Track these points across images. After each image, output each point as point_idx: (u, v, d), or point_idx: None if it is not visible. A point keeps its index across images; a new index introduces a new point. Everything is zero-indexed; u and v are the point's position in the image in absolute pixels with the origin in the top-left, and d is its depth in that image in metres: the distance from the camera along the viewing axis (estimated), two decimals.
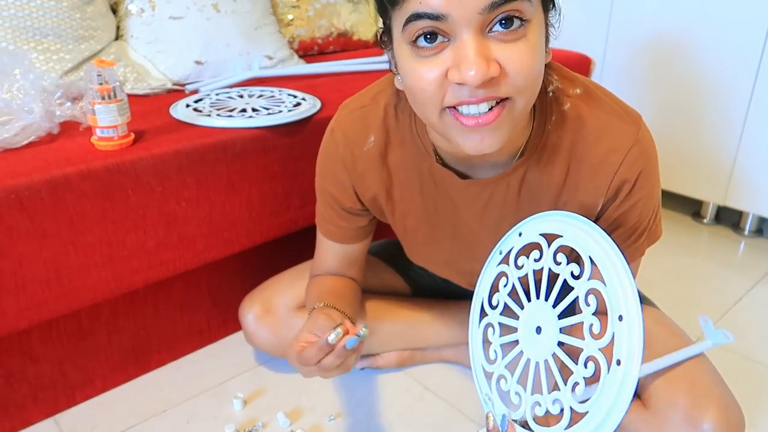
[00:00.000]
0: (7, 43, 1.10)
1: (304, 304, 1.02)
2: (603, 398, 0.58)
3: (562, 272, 0.63)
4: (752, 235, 1.66)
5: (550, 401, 0.63)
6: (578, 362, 0.60)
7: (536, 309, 0.66)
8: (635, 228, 0.79)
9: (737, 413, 0.80)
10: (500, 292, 0.71)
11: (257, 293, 1.05)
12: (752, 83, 1.47)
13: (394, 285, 1.11)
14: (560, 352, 0.63)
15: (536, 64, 0.60)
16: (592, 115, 0.73)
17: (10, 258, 0.81)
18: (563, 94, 0.74)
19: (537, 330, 0.65)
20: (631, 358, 0.56)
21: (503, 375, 0.70)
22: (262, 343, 1.03)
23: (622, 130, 0.72)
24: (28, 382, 0.96)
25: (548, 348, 0.64)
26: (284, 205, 1.10)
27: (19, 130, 0.89)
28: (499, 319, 0.72)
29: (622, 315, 0.57)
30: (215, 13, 1.34)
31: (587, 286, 0.60)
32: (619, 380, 0.56)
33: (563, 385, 0.62)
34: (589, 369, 0.59)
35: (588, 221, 0.64)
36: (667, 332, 0.92)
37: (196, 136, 0.97)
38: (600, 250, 0.60)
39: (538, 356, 0.65)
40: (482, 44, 0.57)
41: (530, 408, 0.65)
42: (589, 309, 0.60)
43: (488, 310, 0.74)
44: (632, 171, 0.73)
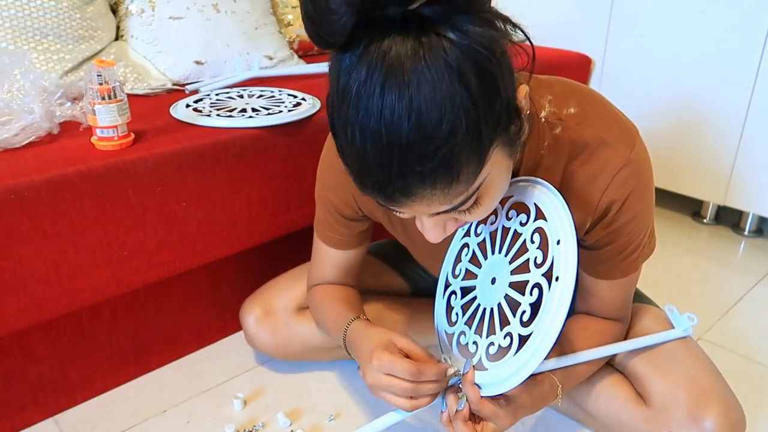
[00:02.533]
0: (7, 43, 1.10)
1: (303, 306, 1.02)
2: (544, 315, 0.64)
3: (512, 225, 0.70)
4: (752, 235, 1.66)
5: (501, 337, 0.69)
6: (524, 293, 0.66)
7: (492, 263, 0.72)
8: (626, 245, 0.77)
9: (738, 411, 0.81)
10: (462, 262, 0.77)
11: (257, 296, 1.05)
12: (752, 83, 1.47)
13: (392, 285, 1.11)
14: (511, 291, 0.69)
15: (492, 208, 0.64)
16: (583, 135, 0.72)
17: (10, 258, 0.81)
18: (555, 117, 0.72)
19: (492, 281, 0.71)
20: (568, 272, 0.63)
21: (463, 331, 0.76)
22: (264, 345, 1.03)
23: (613, 151, 0.71)
24: (28, 382, 0.96)
25: (501, 291, 0.70)
26: (284, 205, 1.10)
27: (19, 130, 0.89)
28: (460, 284, 0.78)
29: (559, 239, 0.64)
30: (215, 13, 1.34)
31: (533, 227, 0.68)
32: (558, 294, 0.63)
33: (512, 318, 0.68)
34: (534, 295, 0.65)
35: (536, 179, 0.70)
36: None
37: (196, 136, 0.97)
38: (542, 195, 0.68)
39: (492, 303, 0.71)
40: (440, 218, 0.63)
41: (485, 351, 0.71)
42: (533, 245, 0.67)
43: (451, 279, 0.80)
44: (621, 192, 0.72)
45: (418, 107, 0.50)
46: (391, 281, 1.11)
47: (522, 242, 0.69)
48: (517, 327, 0.67)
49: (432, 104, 0.50)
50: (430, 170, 0.53)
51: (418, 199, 0.56)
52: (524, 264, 0.69)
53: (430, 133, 0.51)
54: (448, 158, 0.53)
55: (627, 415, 0.86)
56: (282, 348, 1.03)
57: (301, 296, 1.03)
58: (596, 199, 0.73)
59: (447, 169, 0.53)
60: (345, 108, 0.54)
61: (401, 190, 0.55)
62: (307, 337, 1.02)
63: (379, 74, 0.50)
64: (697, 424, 0.79)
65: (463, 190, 0.57)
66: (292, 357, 1.05)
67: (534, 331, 0.65)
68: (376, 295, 1.08)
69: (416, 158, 0.52)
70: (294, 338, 1.02)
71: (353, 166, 0.57)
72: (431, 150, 0.52)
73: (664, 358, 0.86)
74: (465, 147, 0.53)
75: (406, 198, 0.56)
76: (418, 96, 0.50)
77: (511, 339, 0.68)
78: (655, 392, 0.84)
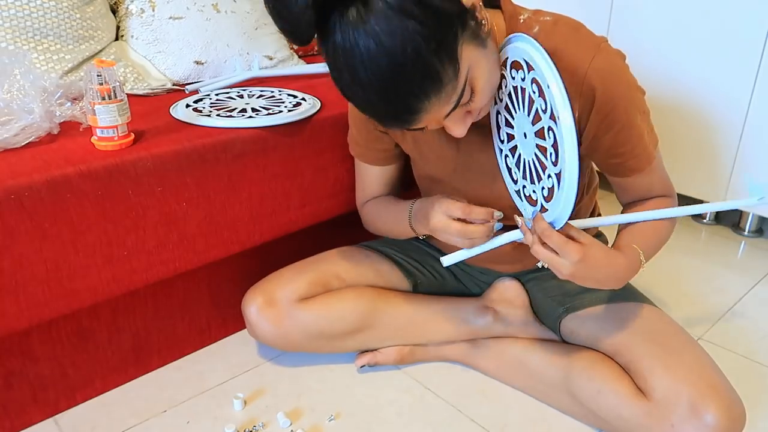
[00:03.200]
0: (7, 43, 1.10)
1: (305, 296, 1.03)
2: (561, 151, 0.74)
3: (517, 83, 0.78)
4: (752, 235, 1.66)
5: (546, 179, 0.79)
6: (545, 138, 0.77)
7: (519, 121, 0.81)
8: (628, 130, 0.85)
9: (739, 406, 0.82)
10: (502, 128, 0.87)
11: (260, 285, 1.06)
12: (752, 83, 1.47)
13: (394, 282, 1.11)
14: (538, 139, 0.78)
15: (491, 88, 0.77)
16: (558, 32, 0.83)
17: (10, 258, 0.81)
18: (534, 21, 0.84)
19: (524, 136, 0.81)
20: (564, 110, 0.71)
21: (524, 185, 0.86)
22: (265, 334, 1.04)
23: (587, 41, 0.83)
24: (28, 382, 0.96)
25: (532, 141, 0.80)
26: (284, 205, 1.10)
27: (19, 130, 0.89)
28: (508, 146, 0.88)
29: (548, 83, 0.72)
30: (215, 13, 1.34)
31: (529, 79, 0.75)
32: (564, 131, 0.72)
33: (546, 161, 0.78)
34: (550, 137, 0.75)
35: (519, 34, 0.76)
36: (669, 328, 0.93)
37: (196, 136, 0.97)
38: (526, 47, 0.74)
39: (530, 154, 0.81)
40: (455, 116, 0.75)
41: (541, 195, 0.81)
42: (535, 95, 0.75)
43: (501, 145, 0.89)
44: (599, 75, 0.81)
45: (385, 48, 0.65)
46: (392, 278, 1.11)
47: (528, 96, 0.77)
48: (551, 167, 0.77)
49: (393, 40, 0.64)
50: (418, 86, 0.68)
51: (424, 112, 0.71)
52: (536, 116, 0.77)
53: (402, 61, 0.65)
54: (426, 71, 0.67)
55: (628, 410, 0.86)
56: (283, 338, 1.03)
57: (303, 288, 1.03)
58: (578, 87, 0.81)
59: (430, 79, 0.68)
60: (341, 74, 0.69)
61: (407, 110, 0.70)
62: (309, 324, 1.02)
63: (352, 40, 0.65)
64: (698, 418, 0.80)
65: (454, 88, 0.70)
66: (293, 347, 1.05)
67: (561, 167, 0.74)
68: (379, 289, 1.09)
69: (403, 82, 0.67)
70: (295, 327, 1.02)
71: (368, 110, 0.73)
72: (410, 71, 0.66)
73: (666, 354, 0.87)
74: (433, 57, 0.66)
75: (415, 115, 0.71)
76: (381, 41, 0.65)
77: (553, 179, 0.77)
78: (657, 386, 0.85)
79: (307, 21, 0.65)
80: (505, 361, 1.06)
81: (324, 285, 1.05)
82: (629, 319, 0.95)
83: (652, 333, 0.92)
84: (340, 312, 1.03)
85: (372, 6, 0.64)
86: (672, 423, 0.82)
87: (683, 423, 0.81)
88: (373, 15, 0.64)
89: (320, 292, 1.05)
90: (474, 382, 1.08)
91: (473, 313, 1.09)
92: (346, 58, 0.66)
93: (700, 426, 0.80)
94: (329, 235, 1.22)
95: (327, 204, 1.17)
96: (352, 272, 1.08)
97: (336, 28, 0.66)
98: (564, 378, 0.96)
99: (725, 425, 0.80)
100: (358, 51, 0.65)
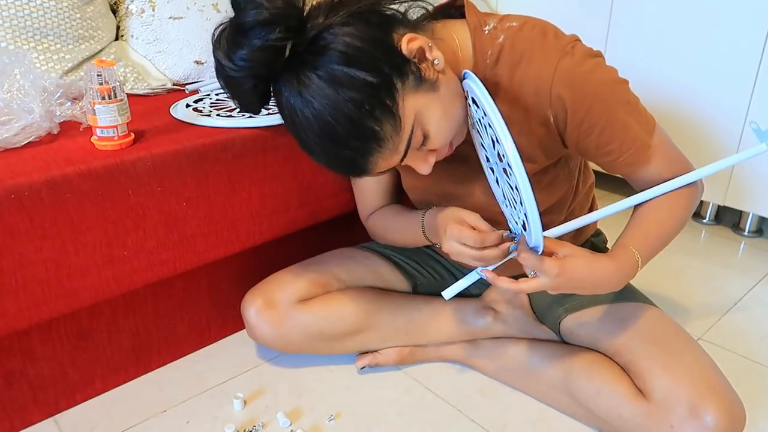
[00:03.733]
0: (7, 43, 1.10)
1: (305, 298, 1.03)
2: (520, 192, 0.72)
3: (478, 117, 0.77)
4: (752, 235, 1.66)
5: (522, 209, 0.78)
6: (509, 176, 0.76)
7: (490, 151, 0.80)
8: (613, 127, 0.82)
9: (739, 407, 0.82)
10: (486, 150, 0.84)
11: (259, 287, 1.05)
12: (752, 83, 1.47)
13: (394, 283, 1.11)
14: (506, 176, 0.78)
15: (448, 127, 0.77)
16: (524, 39, 0.80)
17: (10, 258, 0.81)
18: (499, 30, 0.82)
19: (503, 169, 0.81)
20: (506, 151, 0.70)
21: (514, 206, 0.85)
22: (264, 336, 1.03)
23: (551, 46, 0.79)
24: (28, 382, 0.96)
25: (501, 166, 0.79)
26: (284, 205, 1.10)
27: (19, 130, 0.89)
28: (490, 165, 0.86)
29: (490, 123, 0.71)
30: (215, 13, 1.34)
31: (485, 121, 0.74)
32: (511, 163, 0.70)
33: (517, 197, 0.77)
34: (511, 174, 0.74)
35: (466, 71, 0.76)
36: (669, 329, 0.93)
37: (196, 136, 0.97)
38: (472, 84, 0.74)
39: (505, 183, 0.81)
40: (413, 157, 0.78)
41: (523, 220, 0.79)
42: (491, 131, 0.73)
43: (488, 164, 0.87)
44: (564, 87, 0.78)
45: (319, 116, 0.69)
46: (392, 279, 1.11)
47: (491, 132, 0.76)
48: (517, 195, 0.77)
49: (325, 109, 0.68)
50: (358, 147, 0.70)
51: (372, 165, 0.73)
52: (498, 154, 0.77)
53: (336, 127, 0.68)
54: (362, 133, 0.69)
55: (627, 411, 0.86)
56: (282, 339, 1.03)
57: (302, 289, 1.03)
58: (546, 98, 0.80)
59: (368, 139, 0.70)
60: (292, 131, 0.74)
61: (355, 167, 0.73)
62: (309, 326, 1.02)
63: (293, 105, 0.70)
64: (698, 418, 0.80)
65: (399, 141, 0.72)
66: (292, 349, 1.05)
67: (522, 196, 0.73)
68: (378, 290, 1.09)
69: (342, 145, 0.70)
70: (295, 329, 1.02)
71: (322, 164, 0.75)
72: (346, 135, 0.69)
73: (666, 355, 0.87)
74: (368, 120, 0.69)
75: (365, 170, 0.74)
76: (315, 109, 0.69)
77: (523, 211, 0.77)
78: (657, 387, 0.85)
79: (258, 98, 0.74)
80: (504, 362, 1.06)
81: (323, 286, 1.05)
82: (629, 320, 0.95)
83: (651, 333, 0.92)
84: (340, 313, 1.03)
85: (305, 77, 0.68)
86: (672, 424, 0.82)
87: (683, 424, 0.81)
88: (305, 86, 0.68)
89: (320, 293, 1.04)
90: (474, 382, 1.08)
91: (473, 314, 1.09)
92: (293, 119, 0.71)
93: (699, 427, 0.80)
94: (329, 235, 1.22)
95: (327, 204, 1.17)
96: (352, 273, 1.08)
97: (282, 90, 0.71)
98: (564, 378, 0.96)
99: (725, 426, 0.79)
100: (300, 116, 0.70)
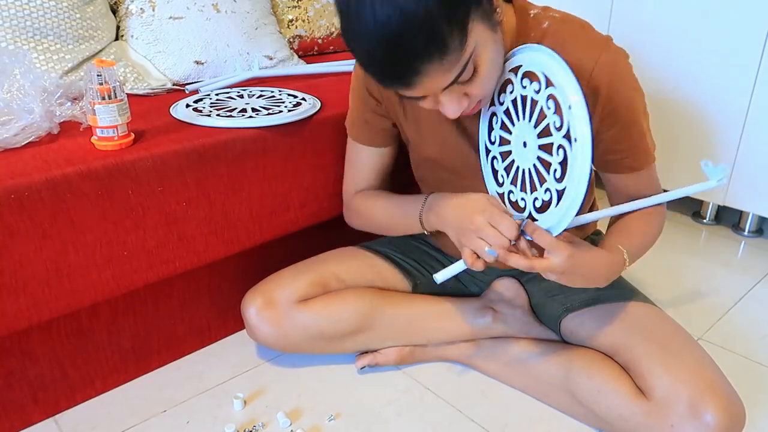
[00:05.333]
0: (7, 43, 1.10)
1: (305, 297, 1.03)
2: (571, 171, 0.75)
3: (528, 92, 0.79)
4: (752, 235, 1.66)
5: (542, 192, 0.81)
6: (552, 154, 0.78)
7: (520, 129, 0.82)
8: (629, 128, 0.87)
9: (739, 406, 0.83)
10: (494, 129, 0.88)
11: (259, 287, 1.05)
12: (752, 83, 1.47)
13: (394, 283, 1.11)
14: (541, 152, 0.80)
15: (494, 77, 0.78)
16: (567, 29, 0.85)
17: (10, 258, 0.81)
18: (543, 17, 0.86)
19: (524, 144, 0.82)
20: (582, 135, 0.73)
21: (511, 190, 0.87)
22: (264, 336, 1.03)
23: (595, 39, 0.85)
24: (28, 382, 0.96)
25: (533, 153, 0.81)
26: (284, 205, 1.10)
27: (19, 130, 0.89)
28: (498, 150, 0.88)
29: (570, 104, 0.73)
30: (215, 13, 1.34)
31: (546, 94, 0.76)
32: (579, 153, 0.73)
33: (547, 175, 0.80)
34: (560, 155, 0.76)
35: (540, 46, 0.77)
36: (669, 328, 0.93)
37: (196, 136, 0.97)
38: (549, 62, 0.75)
39: (528, 164, 0.82)
40: (452, 93, 0.76)
41: (531, 204, 0.83)
42: (550, 111, 0.76)
43: (489, 146, 0.90)
44: (605, 73, 0.82)
45: (399, 4, 0.65)
46: (391, 278, 1.11)
47: (540, 108, 0.78)
48: (553, 183, 0.79)
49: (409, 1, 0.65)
50: (423, 46, 0.68)
51: (424, 75, 0.71)
52: (545, 129, 0.78)
53: (412, 17, 0.66)
54: (433, 33, 0.67)
55: (628, 410, 0.87)
56: (282, 339, 1.03)
57: (302, 289, 1.03)
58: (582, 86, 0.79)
59: (436, 43, 0.68)
60: (350, 22, 0.70)
61: (408, 70, 0.70)
62: (309, 325, 1.02)
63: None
64: (698, 417, 0.81)
65: (458, 59, 0.71)
66: (292, 348, 1.05)
67: (567, 186, 0.76)
68: (379, 289, 1.09)
69: (409, 39, 0.67)
70: (295, 328, 1.02)
71: (370, 65, 0.73)
72: (417, 29, 0.67)
73: (666, 354, 0.87)
74: (443, 22, 0.67)
75: (414, 76, 0.71)
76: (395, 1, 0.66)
77: (551, 193, 0.79)
78: (657, 386, 0.85)
79: None
80: (504, 361, 1.06)
81: (323, 286, 1.05)
82: (629, 319, 0.95)
83: (652, 332, 0.92)
84: (340, 313, 1.03)
85: None
86: (672, 423, 0.82)
87: (683, 423, 0.81)
88: None
89: (320, 293, 1.05)
90: (474, 382, 1.08)
91: (473, 314, 1.09)
92: (358, 5, 0.68)
93: (699, 425, 0.80)
94: (329, 236, 1.22)
95: (327, 204, 1.17)
96: (352, 273, 1.08)
97: None
98: (564, 377, 0.96)
99: (725, 425, 0.80)
100: (373, 8, 0.67)
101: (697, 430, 0.80)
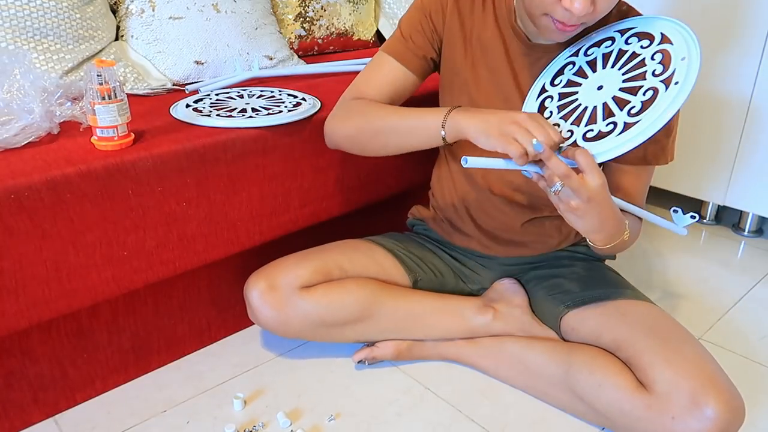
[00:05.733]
0: (7, 43, 1.10)
1: (307, 284, 1.03)
2: (655, 108, 0.77)
3: (631, 47, 0.84)
4: (752, 235, 1.66)
5: (604, 125, 0.81)
6: (636, 95, 0.79)
7: (601, 74, 0.85)
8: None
9: (738, 400, 0.83)
10: (565, 74, 0.90)
11: (263, 271, 1.06)
12: (752, 83, 1.47)
13: (395, 276, 1.12)
14: (621, 93, 0.82)
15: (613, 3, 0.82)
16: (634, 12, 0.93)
17: (10, 258, 0.81)
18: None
19: (598, 88, 0.84)
20: (688, 79, 0.75)
21: (557, 123, 0.87)
22: (266, 319, 1.04)
23: None
24: (28, 382, 0.96)
25: (608, 93, 0.83)
26: (284, 205, 1.10)
27: (19, 130, 0.89)
28: (559, 90, 0.90)
29: (684, 56, 0.77)
30: (215, 13, 1.34)
31: (655, 49, 0.81)
32: (674, 94, 0.76)
33: (618, 111, 0.81)
34: (648, 95, 0.78)
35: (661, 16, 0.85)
36: (670, 324, 0.94)
37: (196, 136, 0.97)
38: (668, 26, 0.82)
39: (595, 102, 0.84)
40: None
41: (581, 135, 0.83)
42: (654, 61, 0.80)
43: (548, 87, 0.92)
44: None
45: None
46: (394, 271, 1.12)
47: (639, 60, 0.82)
48: (624, 117, 0.80)
49: None
50: None
51: None
52: (637, 75, 0.82)
53: None
54: None
55: (629, 404, 0.87)
56: (283, 324, 1.03)
57: (305, 276, 1.03)
58: None
59: None
60: None
61: None
62: (310, 312, 1.02)
63: None
64: (698, 410, 0.81)
65: None
66: (293, 334, 1.05)
67: (643, 119, 0.78)
68: (379, 281, 1.09)
69: None
70: (296, 314, 1.02)
71: None
72: None
73: (667, 348, 0.88)
74: None
75: None
76: None
77: (615, 125, 0.80)
78: (659, 379, 0.85)
79: None
80: (503, 359, 1.06)
81: (326, 274, 1.05)
82: (630, 316, 0.95)
83: (653, 328, 0.92)
84: (342, 301, 1.03)
85: None
86: (672, 415, 0.82)
87: (684, 415, 0.82)
88: None
89: (322, 281, 1.05)
90: (474, 382, 1.08)
91: (473, 311, 1.09)
92: None
93: (700, 418, 0.81)
94: (329, 236, 1.22)
95: (327, 204, 1.17)
96: (355, 263, 1.08)
97: None
98: (564, 373, 0.96)
99: (725, 417, 0.80)
100: None
101: (698, 422, 0.81)
